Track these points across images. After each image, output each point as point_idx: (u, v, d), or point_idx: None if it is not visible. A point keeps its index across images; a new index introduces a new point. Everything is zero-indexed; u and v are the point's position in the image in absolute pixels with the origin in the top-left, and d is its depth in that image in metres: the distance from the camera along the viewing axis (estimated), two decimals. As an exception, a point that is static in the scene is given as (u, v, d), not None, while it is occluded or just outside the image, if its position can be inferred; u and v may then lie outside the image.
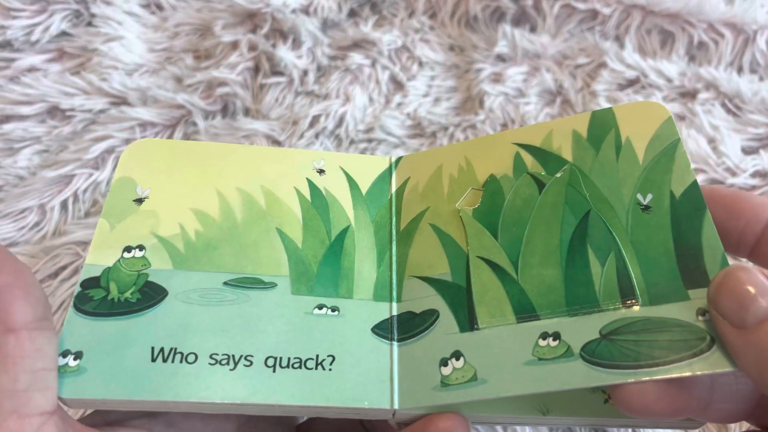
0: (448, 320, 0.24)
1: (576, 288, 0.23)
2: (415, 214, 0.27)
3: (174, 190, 0.26)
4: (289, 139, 0.41)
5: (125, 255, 0.24)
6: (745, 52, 0.45)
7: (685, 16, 0.46)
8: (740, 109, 0.43)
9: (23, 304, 0.21)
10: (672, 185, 0.24)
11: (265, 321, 0.24)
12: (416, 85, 0.46)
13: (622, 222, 0.24)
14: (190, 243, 0.25)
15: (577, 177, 0.25)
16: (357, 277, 0.26)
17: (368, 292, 0.25)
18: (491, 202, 0.26)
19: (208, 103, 0.43)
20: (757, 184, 0.39)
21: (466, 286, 0.24)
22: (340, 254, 0.26)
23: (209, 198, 0.26)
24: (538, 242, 0.24)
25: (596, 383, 0.21)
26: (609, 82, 0.44)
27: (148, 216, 0.25)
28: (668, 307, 0.21)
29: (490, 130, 0.43)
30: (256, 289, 0.24)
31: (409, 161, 0.29)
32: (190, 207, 0.26)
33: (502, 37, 0.46)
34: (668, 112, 0.26)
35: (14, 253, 0.36)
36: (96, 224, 0.37)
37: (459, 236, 0.26)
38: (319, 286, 0.25)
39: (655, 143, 0.25)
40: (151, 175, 0.27)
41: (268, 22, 0.45)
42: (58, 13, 0.45)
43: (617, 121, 0.26)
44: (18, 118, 0.41)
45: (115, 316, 0.23)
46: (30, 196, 0.38)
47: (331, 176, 0.28)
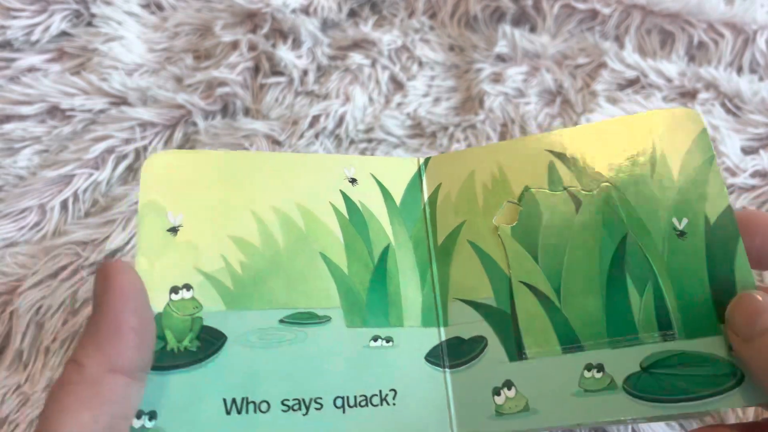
0: (496, 348, 0.24)
1: (616, 318, 0.23)
2: (452, 228, 0.26)
3: (207, 214, 0.25)
4: (289, 139, 0.41)
5: (173, 297, 0.23)
6: (745, 52, 0.45)
7: (685, 16, 0.46)
8: (740, 109, 0.43)
9: (135, 351, 0.21)
10: (707, 209, 0.23)
11: (325, 359, 0.23)
12: (416, 85, 0.46)
13: (659, 248, 0.23)
14: (237, 277, 0.24)
15: (612, 196, 0.24)
16: (404, 303, 0.25)
17: (416, 318, 0.25)
18: (528, 219, 0.25)
19: (208, 103, 0.43)
20: (757, 184, 0.39)
21: (510, 312, 0.24)
22: (385, 278, 0.25)
23: (246, 221, 0.25)
24: (578, 268, 0.24)
25: (639, 415, 0.21)
26: (609, 82, 0.44)
27: (188, 249, 0.24)
28: (703, 342, 0.22)
29: (490, 131, 0.43)
30: (312, 325, 0.24)
31: (438, 164, 0.28)
32: (229, 234, 0.25)
33: (502, 37, 0.46)
34: (703, 122, 0.24)
35: (14, 253, 0.36)
36: (96, 224, 0.37)
37: (499, 257, 0.25)
38: (371, 316, 0.25)
39: (689, 159, 0.24)
40: (179, 196, 0.25)
41: (268, 22, 0.45)
42: (58, 13, 0.45)
43: (652, 130, 0.25)
44: (18, 118, 0.41)
45: (180, 369, 0.22)
46: (30, 196, 0.38)
47: (363, 186, 0.27)
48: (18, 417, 0.33)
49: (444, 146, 0.42)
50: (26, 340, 0.34)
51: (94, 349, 0.20)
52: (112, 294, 0.21)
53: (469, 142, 0.43)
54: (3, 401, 0.33)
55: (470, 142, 0.43)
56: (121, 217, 0.37)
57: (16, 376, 0.34)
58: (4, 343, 0.35)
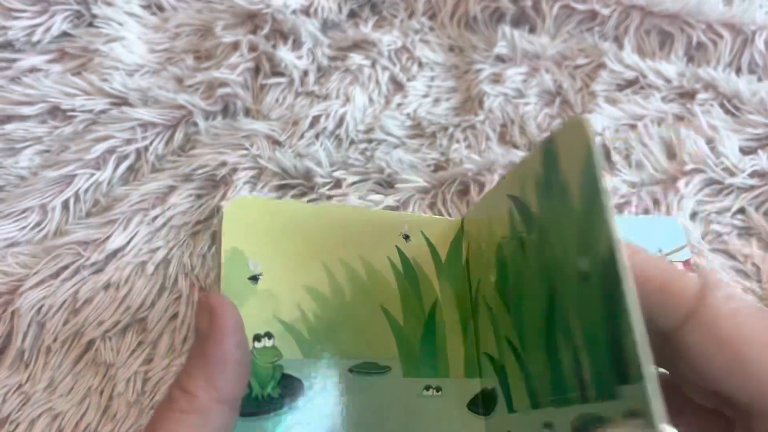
0: (501, 400, 0.25)
1: (555, 375, 0.21)
2: (475, 285, 0.28)
3: (284, 264, 0.26)
4: (289, 140, 0.41)
5: (256, 345, 0.25)
6: (744, 52, 0.45)
7: (684, 17, 0.46)
8: (739, 109, 0.43)
9: (238, 383, 0.22)
10: (600, 244, 0.18)
11: (387, 408, 0.25)
12: (416, 85, 0.46)
13: (573, 296, 0.20)
14: (311, 328, 0.26)
15: (544, 238, 0.22)
16: (450, 355, 0.27)
17: (460, 369, 0.27)
18: (502, 272, 0.25)
19: (209, 103, 0.43)
20: (756, 184, 0.39)
21: (504, 366, 0.25)
22: (434, 331, 0.27)
23: (317, 273, 0.26)
24: (531, 320, 0.23)
25: None
26: (608, 82, 0.45)
27: (268, 297, 0.26)
28: (607, 405, 0.18)
29: (490, 131, 0.43)
30: (376, 375, 0.26)
31: (468, 222, 0.29)
32: (303, 284, 0.26)
33: (502, 37, 0.47)
34: (590, 134, 0.19)
35: (16, 253, 0.36)
36: (97, 224, 0.37)
37: (497, 312, 0.26)
38: (424, 366, 0.26)
39: (584, 183, 0.19)
40: (258, 245, 0.26)
41: (269, 23, 0.45)
42: (59, 14, 0.45)
43: (558, 153, 0.20)
44: (19, 118, 0.41)
45: (266, 415, 0.24)
46: (31, 196, 0.38)
47: (415, 243, 0.29)
48: (19, 416, 0.33)
49: (444, 146, 0.42)
50: (27, 339, 0.34)
51: (203, 380, 0.21)
52: (219, 327, 0.22)
53: (468, 142, 0.43)
54: (4, 401, 0.33)
55: (470, 143, 0.43)
56: (122, 217, 0.37)
57: (17, 376, 0.34)
58: (6, 342, 0.35)
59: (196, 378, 0.21)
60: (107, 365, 0.34)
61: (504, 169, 0.40)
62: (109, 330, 0.35)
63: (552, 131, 0.22)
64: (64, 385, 0.33)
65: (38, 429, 0.33)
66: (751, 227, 0.39)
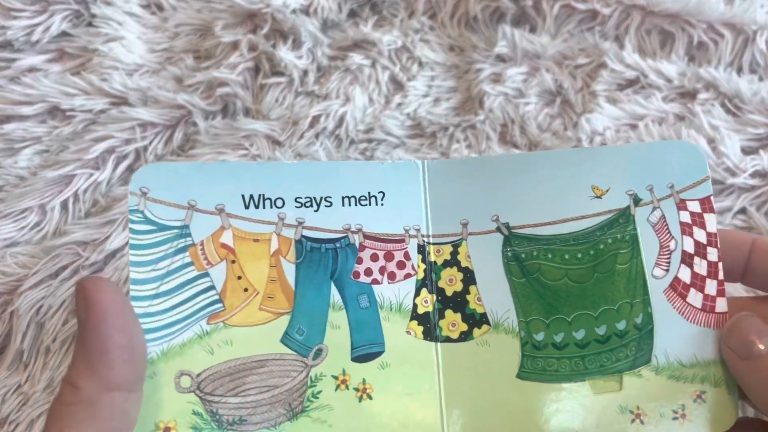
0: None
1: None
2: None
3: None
4: (289, 140, 0.41)
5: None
6: (745, 52, 0.45)
7: (685, 17, 0.46)
8: (740, 109, 0.43)
9: (127, 367, 0.21)
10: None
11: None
12: (416, 85, 0.46)
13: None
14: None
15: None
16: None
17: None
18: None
19: (209, 103, 0.43)
20: (757, 184, 0.39)
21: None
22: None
23: None
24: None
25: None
26: (609, 82, 0.45)
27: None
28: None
29: (490, 131, 0.43)
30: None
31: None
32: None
33: (502, 37, 0.47)
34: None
35: (15, 254, 0.36)
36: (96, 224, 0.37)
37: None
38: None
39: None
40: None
41: (269, 23, 0.45)
42: (59, 14, 0.45)
43: None
44: (18, 118, 0.41)
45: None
46: (30, 196, 0.38)
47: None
48: (18, 417, 0.33)
49: (444, 146, 0.42)
50: (27, 340, 0.34)
51: (86, 370, 0.20)
52: (95, 313, 0.21)
53: (469, 142, 0.43)
54: (3, 401, 0.33)
55: (470, 143, 0.43)
56: (121, 217, 0.37)
57: (17, 376, 0.34)
58: (5, 343, 0.35)
59: (79, 369, 0.21)
60: (106, 366, 0.34)
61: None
62: (108, 330, 0.34)
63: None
64: (63, 386, 0.33)
65: (37, 429, 0.32)
66: (752, 227, 0.39)
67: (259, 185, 0.25)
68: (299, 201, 0.25)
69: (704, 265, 0.26)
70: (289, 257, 0.25)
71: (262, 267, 0.25)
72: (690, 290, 0.26)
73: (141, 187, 0.25)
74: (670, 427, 0.25)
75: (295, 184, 0.26)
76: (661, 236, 0.26)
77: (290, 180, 0.26)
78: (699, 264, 0.26)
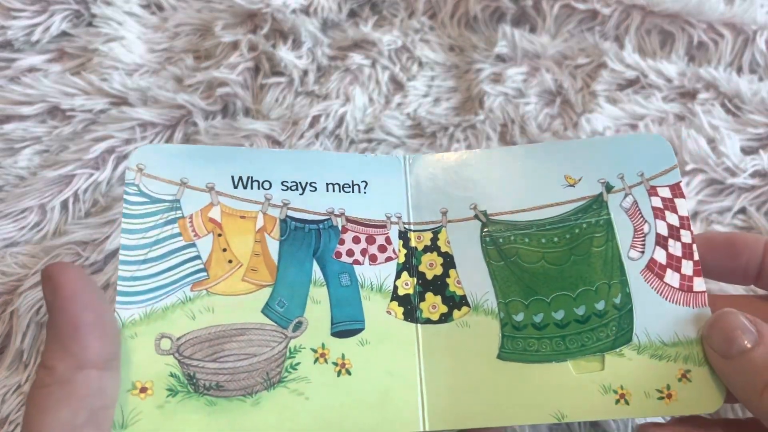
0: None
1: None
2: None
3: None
4: (289, 140, 0.41)
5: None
6: (745, 52, 0.45)
7: (685, 17, 0.46)
8: (740, 109, 0.43)
9: (99, 344, 0.22)
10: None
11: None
12: (416, 85, 0.46)
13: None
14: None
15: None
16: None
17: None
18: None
19: (209, 103, 0.43)
20: (757, 184, 0.39)
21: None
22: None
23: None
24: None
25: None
26: (609, 82, 0.45)
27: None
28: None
29: (490, 131, 0.43)
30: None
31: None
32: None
33: (502, 37, 0.47)
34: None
35: (15, 253, 0.36)
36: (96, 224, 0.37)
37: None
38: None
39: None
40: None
41: (269, 23, 0.45)
42: (59, 14, 0.45)
43: None
44: (18, 118, 0.41)
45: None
46: (30, 196, 0.38)
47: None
48: (18, 416, 0.33)
49: (444, 146, 0.42)
50: (26, 340, 0.34)
51: (59, 351, 0.21)
52: (62, 295, 0.21)
53: (469, 142, 0.43)
54: (3, 401, 0.33)
55: (470, 143, 0.43)
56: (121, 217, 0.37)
57: (17, 376, 0.34)
58: (5, 342, 0.35)
59: (52, 350, 0.21)
60: (106, 366, 0.34)
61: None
62: (108, 330, 0.34)
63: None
64: (63, 386, 0.33)
65: (37, 429, 0.32)
66: (752, 227, 0.39)
67: (248, 168, 0.27)
68: (285, 185, 0.27)
69: (678, 247, 0.27)
70: (274, 234, 0.27)
71: (247, 241, 0.26)
72: (666, 270, 0.27)
73: (138, 164, 0.27)
74: (657, 407, 0.25)
75: (282, 169, 0.27)
76: (634, 220, 0.28)
77: (278, 165, 0.27)
78: (673, 246, 0.27)
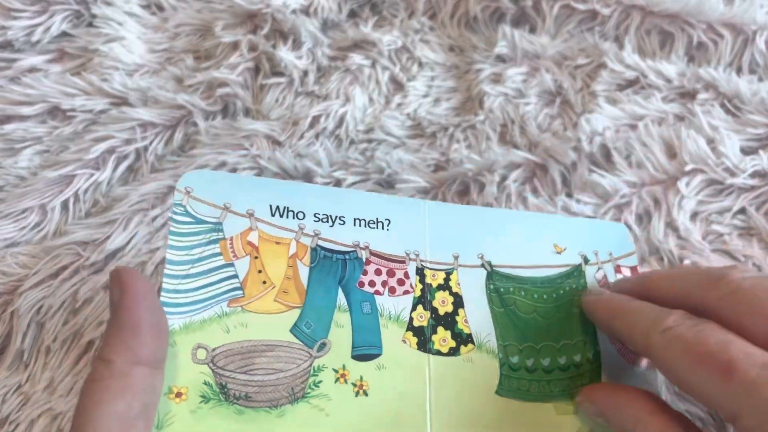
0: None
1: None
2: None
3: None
4: (289, 140, 0.41)
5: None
6: (745, 52, 0.45)
7: (685, 17, 0.46)
8: (739, 109, 0.43)
9: (155, 344, 0.24)
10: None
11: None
12: (416, 85, 0.46)
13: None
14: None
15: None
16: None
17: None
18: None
19: (209, 103, 0.43)
20: (756, 185, 0.39)
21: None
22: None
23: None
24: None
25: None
26: (609, 82, 0.45)
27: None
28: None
29: (490, 131, 0.43)
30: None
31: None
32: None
33: (502, 37, 0.47)
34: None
35: (15, 254, 0.36)
36: (97, 224, 0.37)
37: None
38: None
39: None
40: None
41: (269, 23, 0.45)
42: (59, 14, 0.45)
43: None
44: (19, 118, 0.41)
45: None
46: (31, 196, 0.38)
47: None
48: (19, 417, 0.33)
49: (444, 146, 0.42)
50: (27, 340, 0.34)
51: (120, 346, 0.23)
52: (129, 295, 0.24)
53: (469, 142, 0.43)
54: (3, 401, 0.33)
55: (470, 143, 0.43)
56: (121, 217, 0.37)
57: (17, 376, 0.34)
58: (5, 343, 0.35)
59: (113, 345, 0.23)
60: (107, 366, 0.34)
61: (504, 169, 0.40)
62: (108, 330, 0.34)
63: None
64: (63, 386, 0.33)
65: (38, 429, 0.32)
66: (752, 227, 0.39)
67: (285, 198, 0.30)
68: (317, 216, 0.30)
69: None
70: (305, 261, 0.29)
71: (280, 265, 0.28)
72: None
73: (186, 187, 0.28)
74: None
75: (315, 202, 0.30)
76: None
77: (312, 198, 0.30)
78: None
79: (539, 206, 0.39)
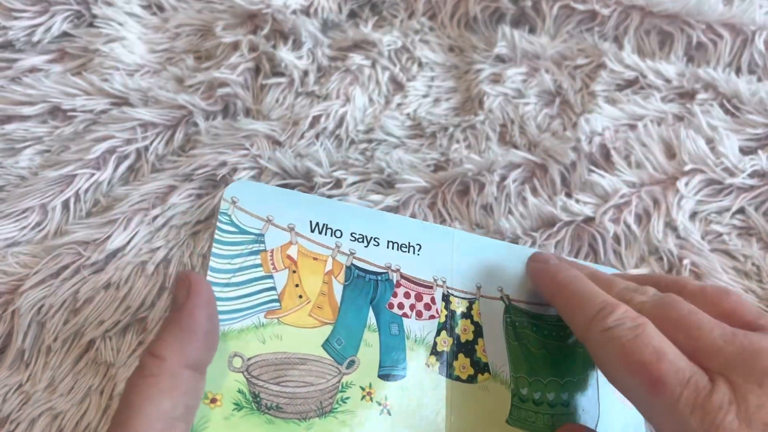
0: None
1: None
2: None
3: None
4: (289, 140, 0.41)
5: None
6: (744, 52, 0.45)
7: (684, 17, 0.46)
8: (738, 109, 0.43)
9: (205, 350, 0.24)
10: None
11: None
12: (416, 85, 0.46)
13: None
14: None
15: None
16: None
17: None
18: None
19: (209, 103, 0.43)
20: (756, 185, 0.39)
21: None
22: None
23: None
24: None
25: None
26: (608, 82, 0.45)
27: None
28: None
29: (490, 131, 0.43)
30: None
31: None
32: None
33: (502, 38, 0.47)
34: None
35: (16, 253, 0.36)
36: (97, 224, 0.37)
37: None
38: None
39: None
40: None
41: (269, 23, 0.45)
42: (60, 14, 0.45)
43: None
44: (20, 118, 0.41)
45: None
46: (32, 196, 0.38)
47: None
48: (19, 416, 0.33)
49: (444, 147, 0.43)
50: (28, 339, 0.34)
51: (175, 344, 0.23)
52: (193, 299, 0.24)
53: (468, 142, 0.43)
54: (4, 400, 0.33)
55: (470, 143, 0.43)
56: (122, 217, 0.37)
57: (18, 376, 0.34)
58: (6, 342, 0.35)
59: (168, 342, 0.23)
60: (107, 365, 0.34)
61: (504, 169, 0.40)
62: (109, 330, 0.35)
63: None
64: (64, 385, 0.33)
65: (38, 429, 0.33)
66: (751, 227, 0.39)
67: (325, 216, 0.31)
68: (354, 236, 0.31)
69: None
70: (339, 278, 0.30)
71: (316, 281, 0.29)
72: None
73: (232, 197, 0.29)
74: None
75: (352, 221, 0.31)
76: None
77: (350, 217, 0.31)
78: None
79: (539, 206, 0.39)
